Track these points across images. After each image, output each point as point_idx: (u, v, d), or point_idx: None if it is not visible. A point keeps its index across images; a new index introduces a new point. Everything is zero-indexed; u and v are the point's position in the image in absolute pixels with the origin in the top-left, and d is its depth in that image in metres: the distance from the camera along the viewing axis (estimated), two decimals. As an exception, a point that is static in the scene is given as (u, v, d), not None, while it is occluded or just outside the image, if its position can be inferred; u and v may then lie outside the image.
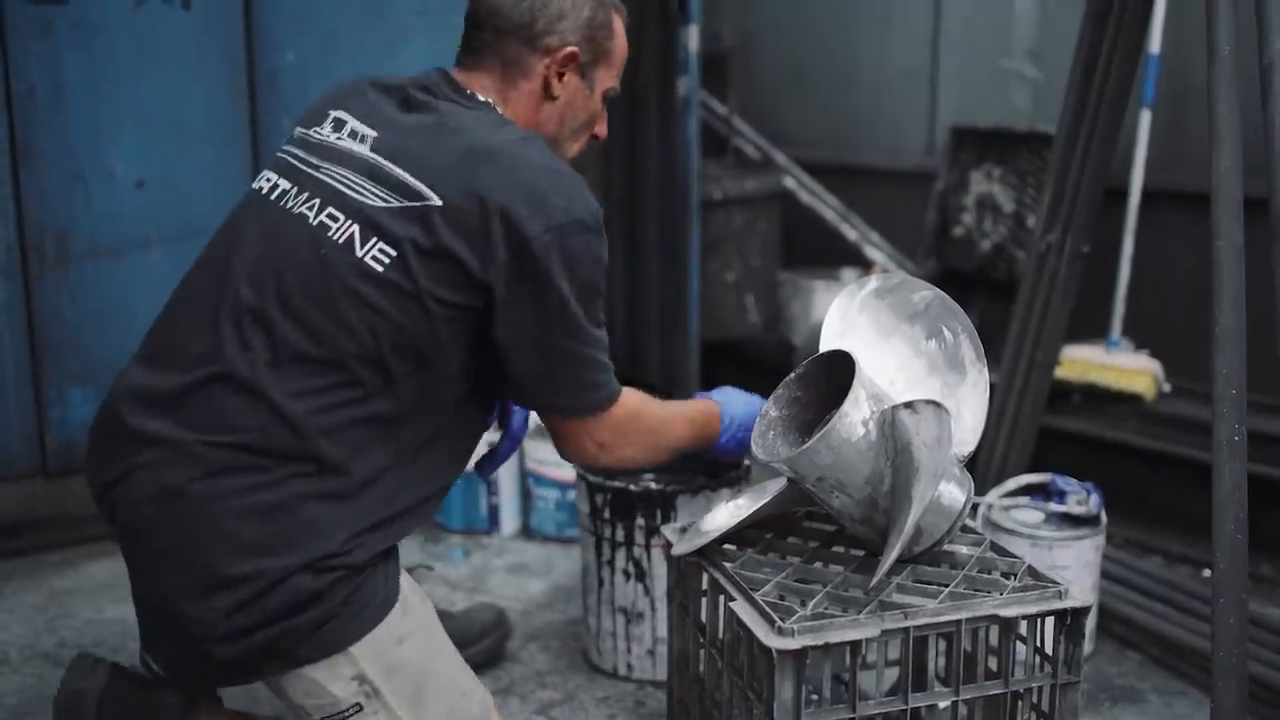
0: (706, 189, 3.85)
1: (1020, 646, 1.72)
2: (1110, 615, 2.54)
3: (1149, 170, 3.24)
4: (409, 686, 1.67)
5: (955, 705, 1.67)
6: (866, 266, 3.98)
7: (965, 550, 1.82)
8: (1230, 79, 2.00)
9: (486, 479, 2.02)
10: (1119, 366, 3.23)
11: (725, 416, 1.99)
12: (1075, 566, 2.35)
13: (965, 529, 1.90)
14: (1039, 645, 1.72)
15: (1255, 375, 1.97)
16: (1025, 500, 2.49)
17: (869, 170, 4.20)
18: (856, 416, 1.66)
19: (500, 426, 2.02)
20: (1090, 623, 2.44)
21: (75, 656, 1.85)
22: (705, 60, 3.91)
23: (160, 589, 1.62)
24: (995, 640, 1.70)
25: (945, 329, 1.87)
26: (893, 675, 2.01)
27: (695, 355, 3.79)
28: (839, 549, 1.88)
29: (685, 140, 3.67)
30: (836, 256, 4.10)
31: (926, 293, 1.89)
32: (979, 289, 3.68)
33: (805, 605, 1.65)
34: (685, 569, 1.92)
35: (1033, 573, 1.76)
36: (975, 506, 2.44)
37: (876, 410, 1.68)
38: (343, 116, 1.74)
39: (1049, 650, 1.70)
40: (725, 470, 2.30)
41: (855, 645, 1.58)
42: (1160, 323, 3.35)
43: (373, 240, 1.60)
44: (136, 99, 2.84)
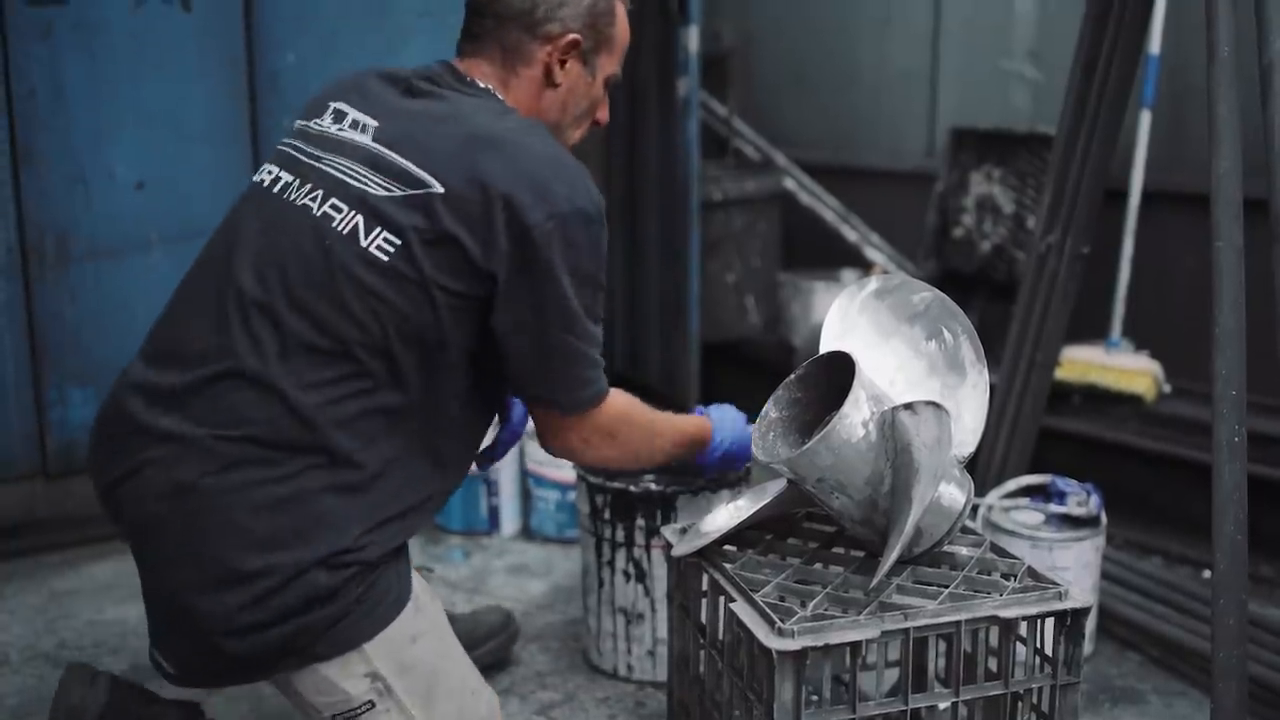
0: (706, 190, 3.85)
1: (1020, 647, 1.72)
2: (1110, 616, 2.54)
3: (1149, 171, 3.24)
4: (421, 684, 1.67)
5: (955, 706, 1.68)
6: (866, 267, 3.98)
7: (965, 551, 1.83)
8: (1230, 79, 2.00)
9: (486, 470, 2.02)
10: (1119, 367, 3.23)
11: (715, 436, 2.01)
12: (1075, 567, 2.35)
13: (965, 530, 1.90)
14: (1039, 646, 1.72)
15: (1255, 376, 1.97)
16: (1025, 501, 2.49)
17: (869, 171, 4.20)
18: (856, 417, 1.66)
19: (500, 419, 2.02)
20: (1090, 624, 2.44)
21: (69, 667, 1.82)
22: (705, 61, 3.91)
23: (171, 585, 1.61)
24: (995, 641, 1.70)
25: (945, 330, 1.87)
26: (893, 676, 2.01)
27: (695, 356, 3.79)
28: (839, 550, 1.88)
29: (685, 141, 3.67)
30: (836, 257, 4.10)
31: (926, 294, 1.89)
32: (979, 290, 3.68)
33: (805, 606, 1.65)
34: (685, 570, 1.92)
35: (1032, 574, 1.76)
36: (975, 507, 2.44)
37: (876, 411, 1.68)
38: (343, 108, 1.73)
39: (1049, 651, 1.70)
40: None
41: (855, 646, 1.58)
42: (1160, 323, 3.35)
43: (377, 230, 1.60)
44: (137, 100, 2.84)
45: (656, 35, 3.75)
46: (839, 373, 1.74)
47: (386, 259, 1.59)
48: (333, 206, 1.63)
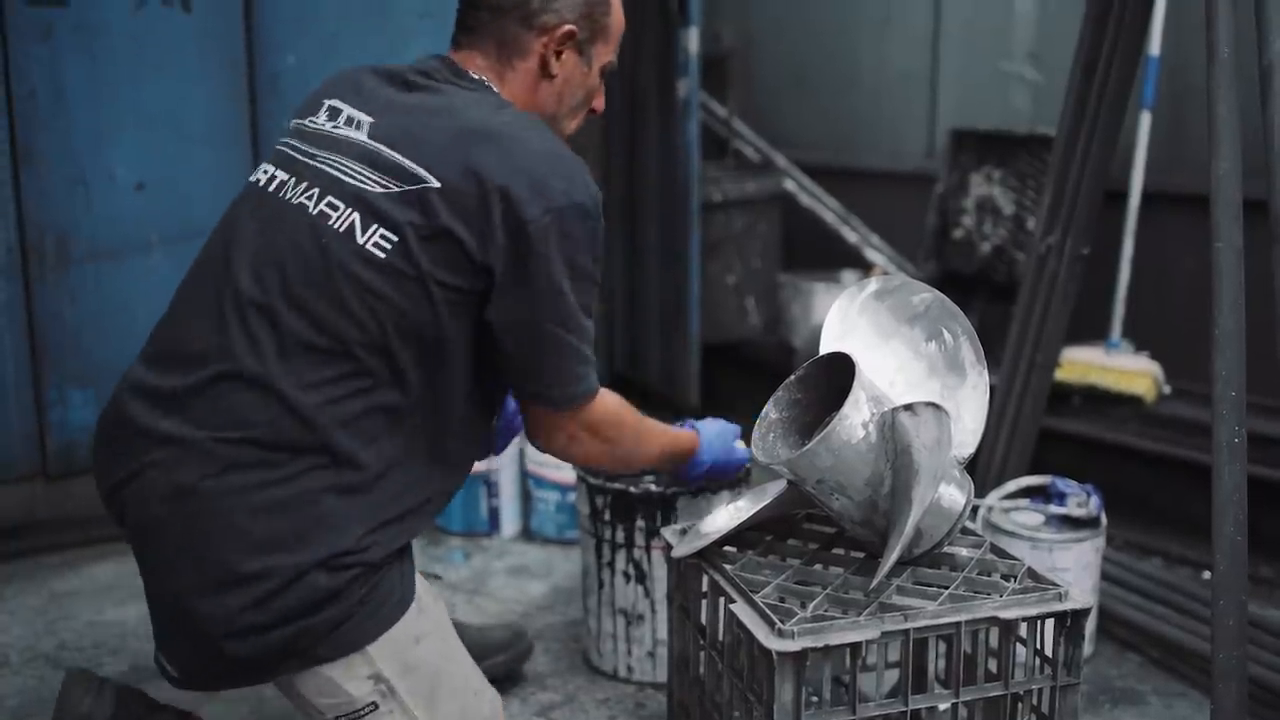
0: (707, 191, 3.85)
1: (1020, 648, 1.72)
2: (1110, 617, 2.54)
3: (1149, 172, 3.24)
4: (424, 685, 1.67)
5: (955, 707, 1.68)
6: (867, 269, 3.98)
7: (965, 552, 1.83)
8: (1230, 81, 2.00)
9: (485, 457, 2.01)
10: (1119, 368, 3.23)
11: (701, 453, 2.01)
12: (1075, 568, 2.35)
13: (965, 531, 1.90)
14: (1039, 647, 1.72)
15: (1255, 377, 1.97)
16: (1025, 502, 2.49)
17: (869, 173, 4.20)
18: (856, 419, 1.66)
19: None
20: (1090, 625, 2.44)
21: (70, 673, 1.82)
22: (705, 62, 3.91)
23: (173, 588, 1.61)
24: (995, 642, 1.70)
25: (945, 331, 1.87)
26: (893, 677, 2.01)
27: (695, 357, 3.79)
28: (839, 551, 1.88)
29: (685, 142, 3.67)
30: (837, 259, 4.10)
31: (926, 295, 1.89)
32: (979, 291, 3.68)
33: (805, 607, 1.65)
34: (685, 571, 1.92)
35: (1032, 575, 1.76)
36: (975, 509, 2.44)
37: (876, 412, 1.68)
38: (338, 105, 1.73)
39: (1049, 652, 1.70)
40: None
41: (855, 647, 1.58)
42: (1160, 324, 3.35)
43: (374, 227, 1.60)
44: (137, 101, 2.84)
45: (657, 37, 3.75)
46: (839, 374, 1.74)
47: (384, 256, 1.58)
48: (329, 204, 1.63)
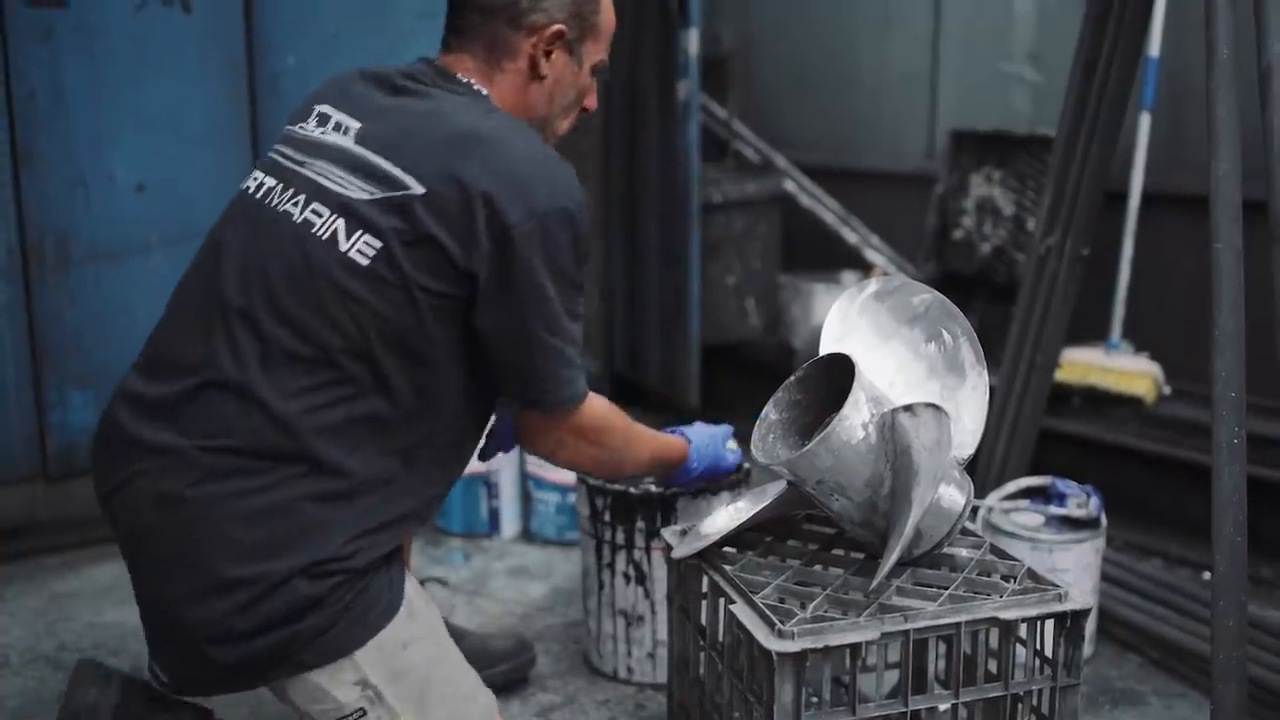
0: (707, 192, 3.85)
1: (1020, 649, 1.72)
2: (1110, 618, 2.54)
3: (1148, 173, 3.24)
4: (413, 691, 1.66)
5: (955, 708, 1.68)
6: (866, 269, 3.98)
7: (965, 553, 1.83)
8: (1229, 82, 2.00)
9: (489, 459, 2.01)
10: (1119, 369, 3.23)
11: (690, 460, 2.01)
12: (1075, 569, 2.35)
13: (965, 532, 1.90)
14: (1039, 648, 1.72)
15: (1254, 378, 1.97)
16: (1025, 503, 2.49)
17: (869, 173, 4.20)
18: (856, 419, 1.66)
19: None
20: (1090, 625, 2.44)
21: (80, 663, 1.83)
22: (705, 63, 3.91)
23: (162, 595, 1.62)
24: (995, 643, 1.70)
25: (945, 332, 1.88)
26: (893, 678, 2.01)
27: (695, 358, 3.79)
28: (839, 552, 1.88)
29: (685, 143, 3.66)
30: (837, 260, 4.10)
31: (926, 296, 1.89)
32: (979, 292, 3.68)
33: (805, 608, 1.65)
34: (685, 572, 1.92)
35: (1032, 575, 1.76)
36: (975, 509, 2.44)
37: (876, 413, 1.68)
38: (327, 110, 1.73)
39: (1049, 653, 1.70)
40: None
41: (855, 648, 1.58)
42: (1160, 325, 3.35)
43: (358, 233, 1.59)
44: (137, 103, 2.84)
45: (657, 38, 3.75)
46: (839, 375, 1.74)
47: (367, 262, 1.58)
48: (314, 212, 1.63)
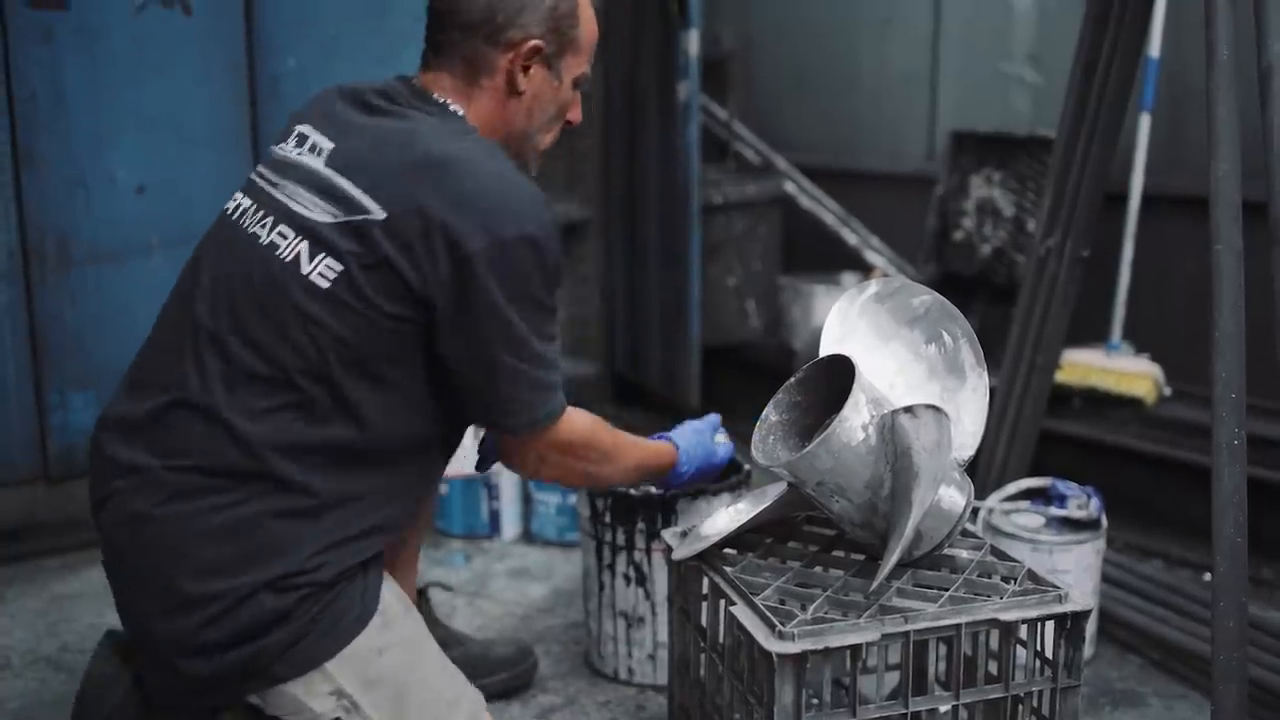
0: (707, 194, 3.85)
1: (1020, 651, 1.72)
2: (1111, 619, 2.54)
3: (1149, 174, 3.24)
4: (389, 699, 1.67)
5: (956, 709, 1.68)
6: (867, 271, 3.98)
7: (965, 554, 1.83)
8: (1229, 82, 2.00)
9: (486, 472, 2.01)
10: (1119, 370, 3.23)
11: (680, 464, 2.01)
12: (1075, 570, 2.35)
13: (965, 533, 1.90)
14: (1039, 649, 1.72)
15: (1255, 379, 1.97)
16: (1025, 504, 2.49)
17: (869, 175, 4.20)
18: (856, 421, 1.66)
19: None
20: (1091, 627, 2.44)
21: (108, 633, 1.85)
22: (705, 65, 3.91)
23: (135, 609, 1.66)
24: (995, 644, 1.70)
25: (945, 333, 1.88)
26: (893, 679, 2.01)
27: (696, 360, 3.79)
28: (839, 553, 1.88)
29: (685, 145, 3.67)
30: (837, 261, 4.09)
31: (926, 297, 1.89)
32: (979, 293, 3.68)
33: (805, 609, 1.65)
34: (686, 573, 1.92)
35: (1033, 577, 1.76)
36: (975, 511, 2.44)
37: (876, 415, 1.68)
38: (305, 130, 1.73)
39: (1049, 654, 1.70)
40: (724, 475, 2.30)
41: (855, 649, 1.58)
42: (1160, 326, 3.35)
43: (320, 256, 1.60)
44: (137, 104, 2.84)
45: (657, 39, 3.75)
46: (839, 376, 1.74)
47: (327, 285, 1.59)
48: (279, 234, 1.64)
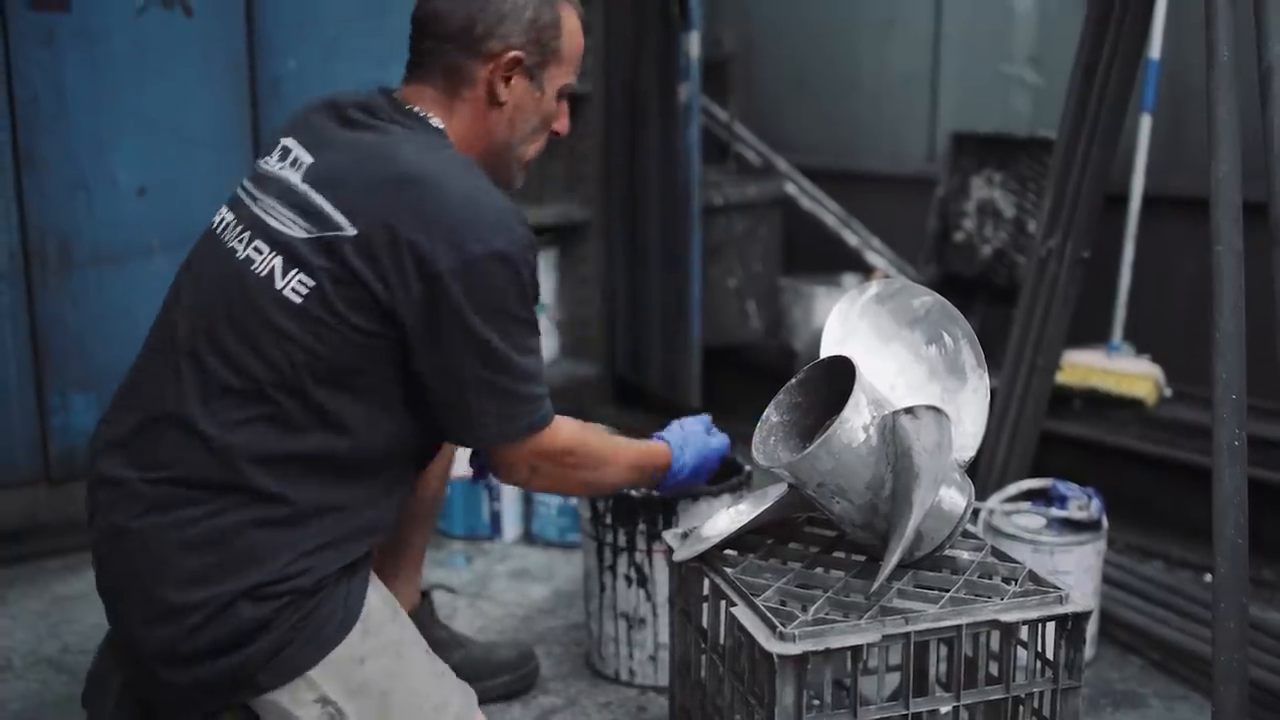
0: (708, 195, 3.85)
1: (1021, 652, 1.72)
2: (1111, 620, 2.54)
3: (1149, 175, 3.24)
4: (375, 706, 1.67)
5: (956, 710, 1.68)
6: (867, 272, 3.98)
7: (966, 555, 1.83)
8: (1229, 83, 2.00)
9: (486, 479, 2.02)
10: (1120, 371, 3.23)
11: (675, 463, 2.01)
12: (1076, 571, 2.35)
13: (966, 534, 1.90)
14: (1040, 650, 1.72)
15: (1255, 380, 1.97)
16: (1026, 505, 2.49)
17: (870, 176, 4.20)
18: (857, 422, 1.66)
19: None
20: (1091, 628, 2.44)
21: (107, 638, 1.85)
22: (706, 66, 3.91)
23: (120, 620, 1.68)
24: (996, 645, 1.70)
25: (946, 334, 1.88)
26: (894, 680, 2.01)
27: (697, 361, 3.79)
28: (840, 554, 1.88)
29: (686, 146, 3.67)
30: (837, 262, 4.10)
31: (927, 298, 1.89)
32: (980, 294, 3.69)
33: (806, 610, 1.65)
34: (687, 574, 1.92)
35: (1034, 578, 1.76)
36: (976, 512, 2.44)
37: (877, 415, 1.68)
38: (289, 144, 1.73)
39: (1050, 655, 1.70)
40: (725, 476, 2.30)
41: (856, 650, 1.58)
42: (1161, 328, 3.35)
43: (294, 271, 1.61)
44: (139, 106, 2.85)
45: (658, 41, 3.75)
46: (840, 377, 1.74)
47: (300, 300, 1.59)
48: (255, 249, 1.65)
